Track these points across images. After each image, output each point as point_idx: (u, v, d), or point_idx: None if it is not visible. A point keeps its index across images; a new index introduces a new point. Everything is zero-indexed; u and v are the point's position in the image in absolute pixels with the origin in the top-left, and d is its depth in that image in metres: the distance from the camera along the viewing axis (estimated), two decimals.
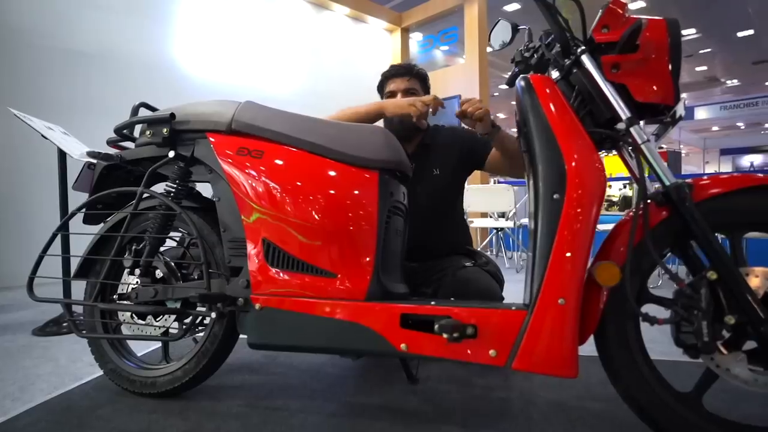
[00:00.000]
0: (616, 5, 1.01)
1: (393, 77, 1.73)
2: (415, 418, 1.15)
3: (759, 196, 0.91)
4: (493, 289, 1.41)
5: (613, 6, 1.01)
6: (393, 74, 1.74)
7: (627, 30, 0.95)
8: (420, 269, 1.52)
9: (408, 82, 1.70)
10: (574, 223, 0.88)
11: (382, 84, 1.78)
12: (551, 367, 0.87)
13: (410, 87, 1.70)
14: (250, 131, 1.15)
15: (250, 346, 1.10)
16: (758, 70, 12.67)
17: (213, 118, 1.19)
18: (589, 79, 1.00)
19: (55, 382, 1.54)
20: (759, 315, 0.86)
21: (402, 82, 1.71)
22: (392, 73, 1.74)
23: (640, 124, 0.98)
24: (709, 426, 0.91)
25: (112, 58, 4.00)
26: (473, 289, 1.36)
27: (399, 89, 1.70)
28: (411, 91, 1.69)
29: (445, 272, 1.48)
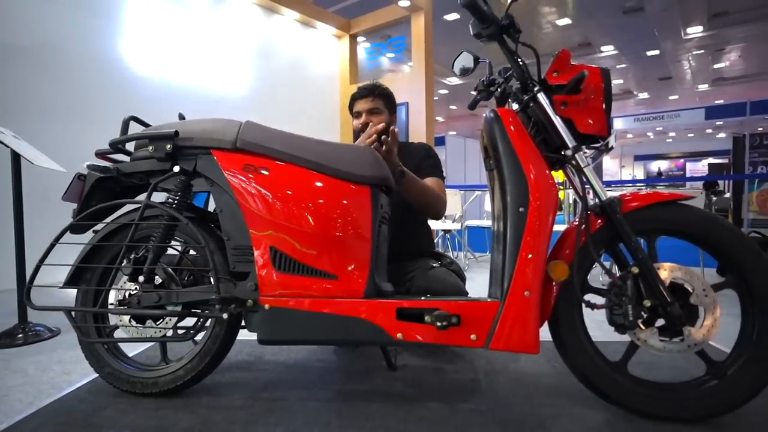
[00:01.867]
0: (564, 55, 1.27)
1: (358, 99, 1.85)
2: (402, 399, 1.34)
3: (667, 209, 1.20)
4: (459, 285, 1.62)
5: (562, 56, 1.26)
6: (357, 96, 1.85)
7: (574, 78, 1.20)
8: (392, 270, 1.71)
9: (372, 102, 1.81)
10: (536, 231, 1.11)
11: (351, 105, 1.89)
12: (520, 346, 1.10)
13: (374, 107, 1.82)
14: (254, 149, 1.28)
15: (260, 342, 1.23)
16: (664, 85, 14.23)
17: (217, 136, 1.30)
18: (543, 113, 1.24)
19: (32, 392, 1.55)
20: (666, 299, 1.14)
21: (365, 102, 1.82)
22: (357, 95, 1.86)
23: (583, 150, 1.24)
24: (633, 385, 1.19)
25: (53, 54, 3.78)
26: (442, 286, 1.56)
27: (363, 109, 1.82)
28: (375, 111, 1.81)
29: (415, 272, 1.67)
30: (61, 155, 2.87)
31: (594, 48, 11.45)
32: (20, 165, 2.25)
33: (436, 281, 1.58)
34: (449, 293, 1.53)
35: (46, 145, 3.02)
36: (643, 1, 8.92)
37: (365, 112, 1.81)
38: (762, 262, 1.14)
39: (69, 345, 2.07)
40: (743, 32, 10.43)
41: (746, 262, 1.15)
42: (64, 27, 3.86)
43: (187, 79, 4.75)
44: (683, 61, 12.26)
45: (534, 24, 10.06)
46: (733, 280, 1.18)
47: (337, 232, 1.21)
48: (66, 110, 3.86)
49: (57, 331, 2.28)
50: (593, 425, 1.17)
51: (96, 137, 3.93)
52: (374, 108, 1.81)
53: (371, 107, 1.81)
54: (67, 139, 3.83)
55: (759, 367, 1.13)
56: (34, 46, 3.67)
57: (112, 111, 4.14)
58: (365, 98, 1.82)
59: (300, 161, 1.27)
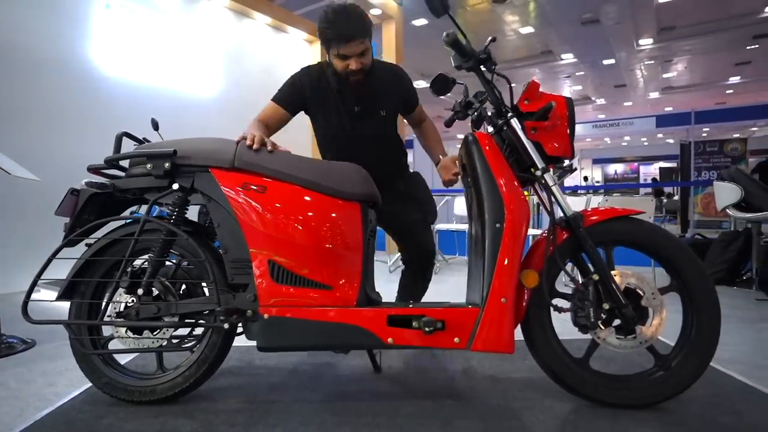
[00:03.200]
0: (534, 85, 1.42)
1: (349, 41, 1.50)
2: (389, 397, 1.46)
3: (622, 223, 1.38)
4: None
5: (533, 86, 1.42)
6: (348, 37, 1.49)
7: (543, 107, 1.35)
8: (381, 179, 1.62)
9: (363, 44, 1.52)
10: (510, 244, 1.26)
11: (325, 44, 1.56)
12: (497, 347, 1.24)
13: (365, 49, 1.54)
14: (251, 168, 1.36)
15: (259, 350, 1.31)
16: (619, 91, 15.04)
17: (215, 155, 1.37)
18: (516, 137, 1.39)
19: (18, 405, 1.56)
20: (621, 302, 1.31)
21: (357, 45, 1.51)
22: (347, 35, 1.49)
23: (550, 170, 1.39)
24: (594, 378, 1.35)
25: (17, 55, 3.65)
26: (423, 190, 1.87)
27: (354, 53, 1.52)
28: (365, 53, 1.54)
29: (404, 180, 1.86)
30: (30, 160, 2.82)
31: (555, 56, 11.96)
32: None
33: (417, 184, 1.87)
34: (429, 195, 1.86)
35: (14, 149, 2.95)
36: (599, 14, 9.43)
37: (356, 56, 1.53)
38: (699, 269, 1.33)
39: (48, 356, 2.06)
40: (689, 45, 11.20)
41: (686, 269, 1.33)
42: (29, 29, 3.74)
43: (158, 82, 4.68)
44: (636, 70, 13.00)
45: (499, 32, 10.41)
46: (676, 285, 1.37)
47: (330, 246, 1.31)
48: (32, 113, 3.74)
49: (32, 342, 2.26)
50: (561, 414, 1.33)
51: (64, 141, 3.86)
52: (365, 50, 1.55)
53: (364, 49, 1.54)
54: (35, 144, 3.72)
55: (696, 358, 1.32)
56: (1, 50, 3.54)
57: (81, 114, 4.05)
58: (357, 40, 1.51)
59: (295, 180, 1.36)
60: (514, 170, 1.37)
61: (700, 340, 1.32)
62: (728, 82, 14.09)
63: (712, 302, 1.32)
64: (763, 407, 1.37)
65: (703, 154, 7.53)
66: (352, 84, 1.63)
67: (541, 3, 8.93)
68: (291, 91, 1.73)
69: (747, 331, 2.34)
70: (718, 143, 7.52)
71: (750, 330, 2.36)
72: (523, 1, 8.90)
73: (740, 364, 1.84)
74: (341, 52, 1.53)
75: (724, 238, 3.56)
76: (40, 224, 3.65)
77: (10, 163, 2.28)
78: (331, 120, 1.72)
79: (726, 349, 2.05)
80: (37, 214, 3.62)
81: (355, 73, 1.58)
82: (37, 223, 3.62)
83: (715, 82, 14.19)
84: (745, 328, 2.39)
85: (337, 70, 1.59)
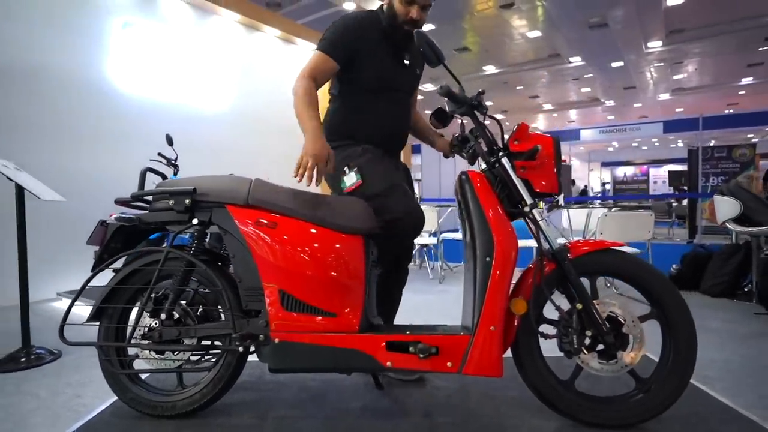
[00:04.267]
0: (524, 127, 1.53)
1: None
2: (390, 412, 1.58)
3: (605, 255, 1.48)
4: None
5: (522, 127, 1.53)
6: None
7: (531, 149, 1.46)
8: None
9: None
10: (499, 277, 1.37)
11: None
12: (487, 371, 1.36)
13: (429, 5, 1.68)
14: (263, 205, 1.49)
15: (270, 371, 1.44)
16: (628, 93, 14.99)
17: (231, 193, 1.50)
18: (506, 174, 1.50)
19: (50, 415, 1.71)
20: (603, 329, 1.41)
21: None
22: None
23: (538, 205, 1.50)
24: (579, 399, 1.46)
25: (34, 74, 3.83)
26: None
27: (420, 3, 1.66)
28: (425, 9, 1.68)
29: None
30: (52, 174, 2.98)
31: (563, 59, 11.98)
32: (23, 195, 2.37)
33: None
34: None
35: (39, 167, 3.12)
36: (607, 18, 9.45)
37: (421, 6, 1.66)
38: (677, 299, 1.43)
39: (72, 367, 2.22)
40: (699, 47, 11.15)
41: (665, 298, 1.44)
42: (52, 50, 3.92)
43: (172, 97, 4.86)
44: (645, 73, 12.96)
45: (507, 36, 10.48)
46: (655, 313, 1.47)
47: (334, 277, 1.44)
48: (55, 131, 3.93)
49: (58, 353, 2.42)
50: None
51: (85, 155, 4.04)
52: (429, 5, 1.69)
53: (428, 4, 1.68)
54: (58, 160, 3.91)
55: (674, 382, 1.42)
56: (23, 69, 3.73)
57: (100, 131, 4.23)
58: None
59: (303, 216, 1.49)
60: (505, 204, 1.48)
61: (677, 365, 1.42)
62: (740, 83, 13.97)
63: (689, 330, 1.42)
64: (737, 427, 1.47)
65: (711, 160, 7.53)
66: (402, 34, 1.68)
67: (548, 8, 8.98)
68: (343, 40, 1.66)
69: (739, 347, 2.42)
70: (727, 149, 7.51)
71: (742, 346, 2.44)
72: (530, 6, 8.96)
73: (724, 381, 1.93)
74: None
75: (724, 251, 3.63)
76: (59, 236, 3.85)
77: (40, 187, 2.44)
78: (379, 69, 1.69)
79: (713, 365, 2.14)
80: (56, 227, 3.80)
81: (414, 23, 1.66)
82: (57, 235, 3.81)
83: (727, 83, 14.08)
84: (737, 344, 2.47)
85: (398, 14, 1.67)
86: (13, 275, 3.50)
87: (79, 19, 4.13)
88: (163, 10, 4.79)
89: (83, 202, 2.92)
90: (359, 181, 1.62)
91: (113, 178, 4.29)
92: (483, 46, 11.27)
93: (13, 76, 3.71)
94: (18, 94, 3.74)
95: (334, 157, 1.57)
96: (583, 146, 16.46)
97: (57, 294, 3.74)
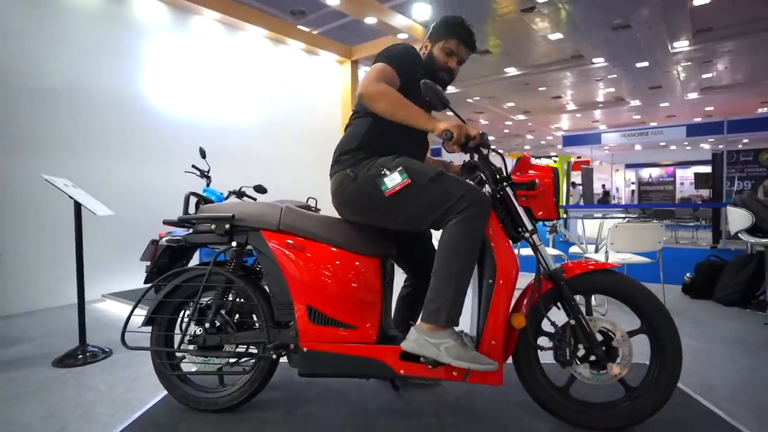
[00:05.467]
0: (525, 159, 1.70)
1: (464, 44, 1.81)
2: (405, 411, 1.79)
3: (599, 275, 1.63)
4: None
5: (524, 159, 1.69)
6: (467, 41, 1.81)
7: (530, 181, 1.63)
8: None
9: (468, 54, 1.84)
10: (500, 298, 1.55)
11: (444, 35, 1.81)
12: (488, 380, 1.54)
13: (464, 61, 1.85)
14: (293, 231, 1.71)
15: (300, 375, 1.66)
16: (654, 93, 14.70)
17: (265, 219, 1.73)
18: (509, 202, 1.66)
19: (109, 406, 1.98)
20: (594, 343, 1.57)
21: (466, 53, 1.84)
22: (467, 40, 1.80)
23: (537, 232, 1.67)
24: (573, 405, 1.63)
25: (80, 94, 4.15)
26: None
27: (462, 57, 1.83)
28: (460, 63, 1.85)
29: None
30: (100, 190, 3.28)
31: (586, 60, 11.88)
32: (81, 210, 2.66)
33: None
34: None
35: (86, 180, 3.44)
36: (630, 19, 9.36)
37: (459, 60, 1.83)
38: (664, 316, 1.58)
39: (122, 365, 2.50)
40: (728, 46, 10.88)
41: (653, 315, 1.59)
42: (88, 69, 4.23)
43: (200, 111, 5.15)
44: (672, 72, 12.71)
45: (529, 38, 10.49)
46: (644, 328, 1.62)
47: (356, 294, 1.65)
48: (94, 145, 4.27)
49: (110, 351, 2.70)
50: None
51: (127, 169, 4.36)
52: (464, 61, 1.86)
53: (466, 59, 1.85)
54: (102, 174, 4.25)
55: (660, 391, 1.57)
56: (61, 88, 4.04)
57: (136, 144, 4.55)
58: (468, 49, 1.84)
59: (327, 240, 1.69)
60: (508, 228, 1.65)
61: (663, 376, 1.57)
62: None
63: (675, 345, 1.57)
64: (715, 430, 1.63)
65: (737, 164, 7.42)
66: (435, 80, 1.79)
67: (569, 11, 8.97)
68: (407, 61, 1.74)
69: (745, 358, 2.51)
70: (753, 152, 7.39)
71: (748, 356, 2.53)
72: (551, 9, 8.97)
73: (724, 390, 2.06)
74: (455, 49, 1.80)
75: (738, 261, 3.68)
76: (103, 243, 4.18)
77: (93, 203, 2.74)
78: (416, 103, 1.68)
79: (717, 374, 2.25)
80: (100, 234, 4.14)
81: (450, 72, 1.83)
82: (101, 241, 4.14)
83: (760, 81, 13.65)
84: (744, 354, 2.56)
85: (437, 60, 1.82)
86: (63, 278, 3.86)
87: (118, 39, 4.44)
88: (194, 28, 5.10)
89: (125, 211, 3.21)
90: (407, 180, 1.60)
91: (153, 188, 4.63)
92: (504, 49, 11.29)
93: (61, 97, 4.04)
94: (66, 113, 4.07)
95: (367, 167, 1.65)
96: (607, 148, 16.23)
97: (102, 296, 4.08)
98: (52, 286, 3.92)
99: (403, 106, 1.57)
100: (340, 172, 1.72)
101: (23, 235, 3.81)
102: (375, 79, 1.62)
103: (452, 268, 1.54)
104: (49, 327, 3.29)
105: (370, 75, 1.65)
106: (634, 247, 3.31)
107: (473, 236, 1.56)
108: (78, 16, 4.17)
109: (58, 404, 2.00)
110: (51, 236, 3.92)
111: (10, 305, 3.71)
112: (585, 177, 12.08)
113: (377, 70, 1.65)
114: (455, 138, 1.51)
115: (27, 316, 3.62)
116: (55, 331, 3.19)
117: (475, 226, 1.56)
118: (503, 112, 17.56)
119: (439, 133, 1.52)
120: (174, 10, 4.88)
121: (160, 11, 4.78)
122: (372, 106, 1.60)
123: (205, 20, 5.19)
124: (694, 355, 2.53)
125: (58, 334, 3.09)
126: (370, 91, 1.59)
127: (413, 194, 1.60)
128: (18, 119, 3.80)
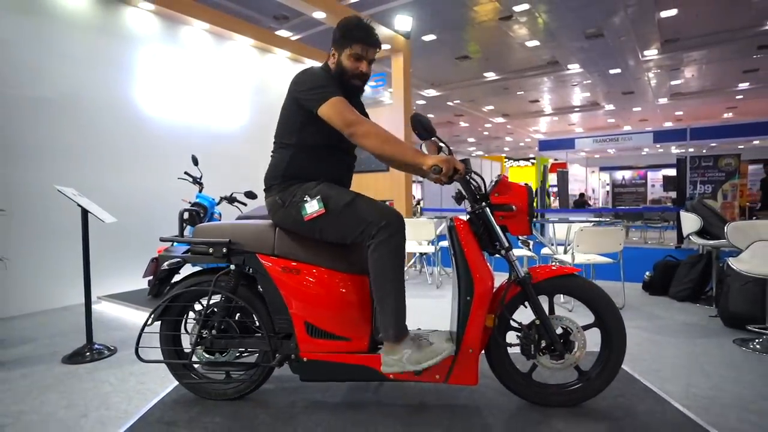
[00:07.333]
0: (504, 180, 1.92)
1: (369, 45, 1.81)
2: (394, 402, 2.05)
3: (561, 279, 1.89)
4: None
5: (503, 181, 1.91)
6: (370, 42, 1.80)
7: (507, 204, 1.86)
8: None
9: (376, 52, 1.85)
10: (476, 313, 1.78)
11: (347, 42, 1.79)
12: (466, 381, 1.80)
13: (373, 60, 1.85)
14: (287, 255, 1.89)
15: (301, 380, 1.89)
16: (627, 98, 15.32)
17: (259, 243, 1.90)
18: (487, 221, 1.88)
19: (124, 396, 2.15)
20: (555, 338, 1.85)
21: (373, 52, 1.84)
22: (370, 41, 1.80)
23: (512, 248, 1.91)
24: (535, 387, 1.92)
25: (77, 104, 4.24)
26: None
27: (369, 58, 1.83)
28: (370, 64, 1.85)
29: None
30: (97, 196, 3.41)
31: (562, 66, 12.34)
32: (87, 216, 2.82)
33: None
34: None
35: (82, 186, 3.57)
36: (603, 29, 9.81)
37: (368, 61, 1.84)
38: (615, 314, 1.86)
39: (130, 361, 2.61)
40: (694, 56, 11.48)
41: (604, 312, 1.87)
42: (84, 80, 4.32)
43: (191, 117, 5.26)
44: (643, 78, 13.29)
45: (507, 45, 10.86)
46: (597, 323, 1.91)
47: (348, 310, 1.84)
48: (89, 153, 4.37)
49: (115, 349, 2.86)
50: (510, 410, 1.91)
51: (118, 175, 4.49)
52: (373, 60, 1.85)
53: (374, 58, 1.84)
54: (98, 180, 4.36)
55: (607, 374, 1.88)
56: (57, 97, 4.14)
57: (129, 151, 4.66)
58: (374, 48, 1.83)
59: (320, 263, 1.88)
60: (485, 242, 1.86)
61: (610, 362, 1.88)
62: (738, 88, 14.27)
63: (621, 337, 1.86)
64: (650, 403, 1.98)
65: (699, 168, 7.92)
66: (351, 89, 1.84)
67: (545, 19, 9.36)
68: (334, 83, 1.78)
69: (688, 345, 2.84)
70: (713, 158, 7.89)
71: (690, 344, 2.87)
72: (528, 18, 9.34)
73: (665, 371, 2.39)
74: (361, 52, 1.79)
75: (689, 260, 4.05)
76: (97, 246, 4.30)
77: (100, 212, 2.90)
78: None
79: (663, 360, 2.57)
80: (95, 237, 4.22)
81: (362, 77, 1.83)
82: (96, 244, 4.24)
83: (725, 88, 14.39)
84: (688, 343, 2.90)
85: (347, 69, 1.81)
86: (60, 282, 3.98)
87: (111, 50, 4.54)
88: (184, 37, 5.23)
89: (118, 217, 3.33)
90: (322, 210, 1.74)
91: (145, 194, 4.76)
92: (484, 55, 11.65)
93: (56, 106, 4.12)
94: (60, 122, 4.15)
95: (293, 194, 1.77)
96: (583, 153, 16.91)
97: (98, 297, 4.20)
98: (50, 290, 4.04)
99: (391, 142, 1.67)
100: (270, 198, 1.90)
101: (23, 241, 3.92)
102: (349, 115, 1.68)
103: (385, 289, 1.71)
104: (53, 327, 3.43)
105: (341, 114, 1.69)
106: (597, 248, 3.64)
107: (395, 254, 1.71)
108: (73, 27, 4.27)
109: (76, 395, 2.17)
110: (48, 242, 4.04)
111: (11, 307, 3.82)
112: (560, 180, 12.58)
113: (339, 107, 1.69)
114: (444, 171, 1.63)
115: (28, 318, 3.74)
116: (59, 331, 3.33)
117: (391, 246, 1.70)
118: (483, 115, 17.99)
119: (428, 168, 1.64)
120: (164, 20, 5.01)
121: (152, 22, 4.90)
122: (361, 144, 1.71)
123: (195, 30, 5.33)
124: (645, 345, 2.86)
125: (63, 334, 3.23)
126: (361, 130, 1.67)
127: (329, 221, 1.78)
128: (14, 129, 3.88)
